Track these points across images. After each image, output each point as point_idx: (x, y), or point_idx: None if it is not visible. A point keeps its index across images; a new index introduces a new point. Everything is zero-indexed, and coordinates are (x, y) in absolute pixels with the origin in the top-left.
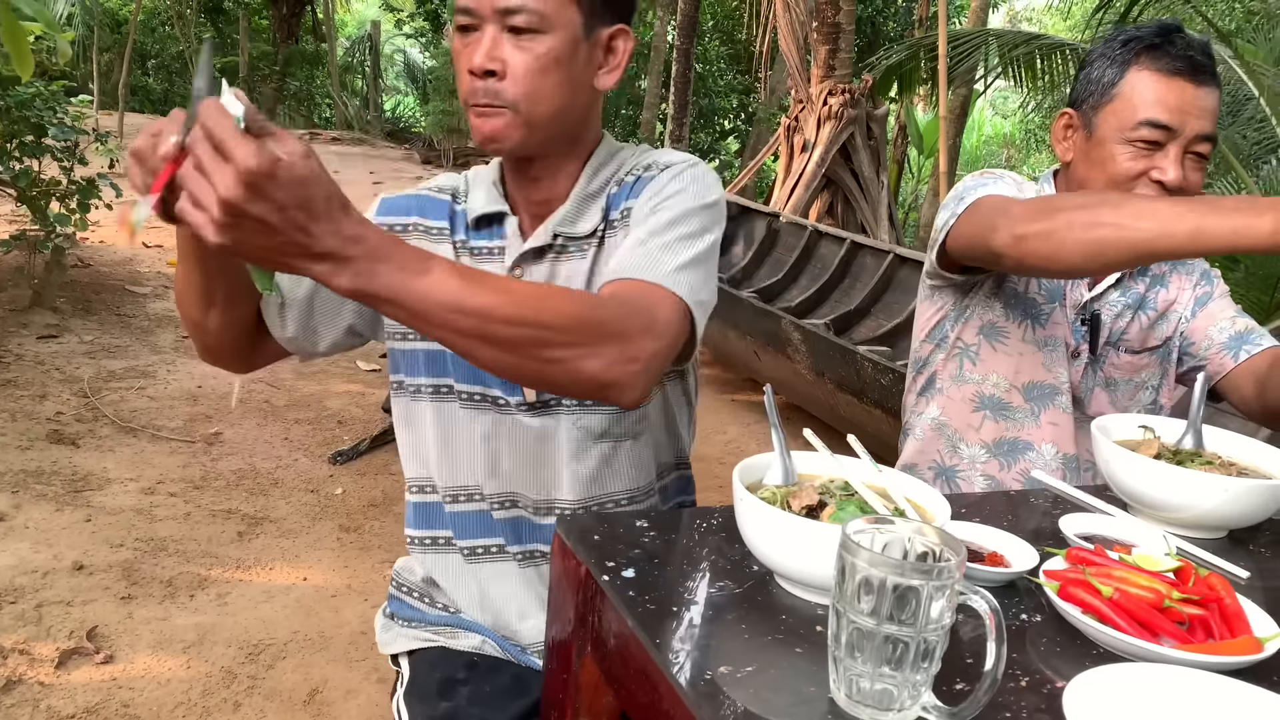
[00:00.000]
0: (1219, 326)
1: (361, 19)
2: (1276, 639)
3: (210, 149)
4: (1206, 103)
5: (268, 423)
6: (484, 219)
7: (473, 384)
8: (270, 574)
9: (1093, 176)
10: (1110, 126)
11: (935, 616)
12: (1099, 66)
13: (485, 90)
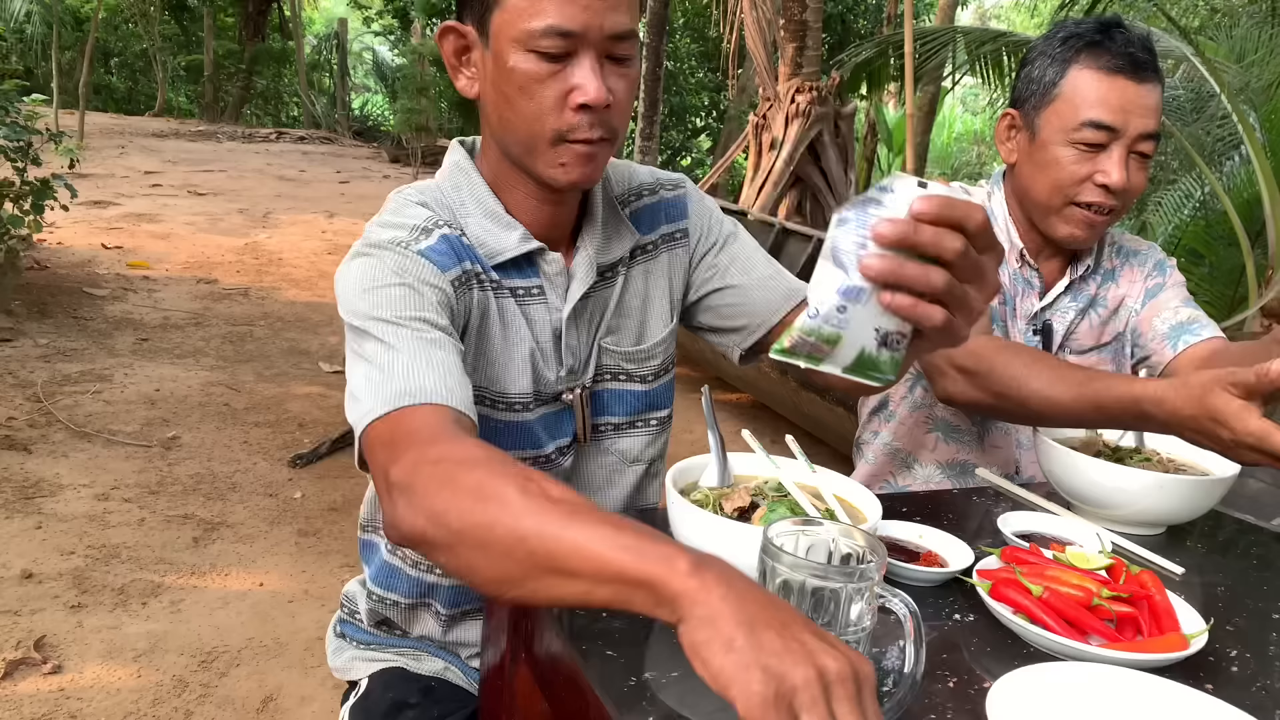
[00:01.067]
0: (1162, 317)
1: (329, 16)
2: (1202, 636)
3: None
4: (1149, 100)
5: (227, 426)
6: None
7: (522, 449)
8: (226, 580)
9: (1038, 179)
10: (1053, 128)
11: (854, 619)
12: (1039, 65)
13: (595, 123)
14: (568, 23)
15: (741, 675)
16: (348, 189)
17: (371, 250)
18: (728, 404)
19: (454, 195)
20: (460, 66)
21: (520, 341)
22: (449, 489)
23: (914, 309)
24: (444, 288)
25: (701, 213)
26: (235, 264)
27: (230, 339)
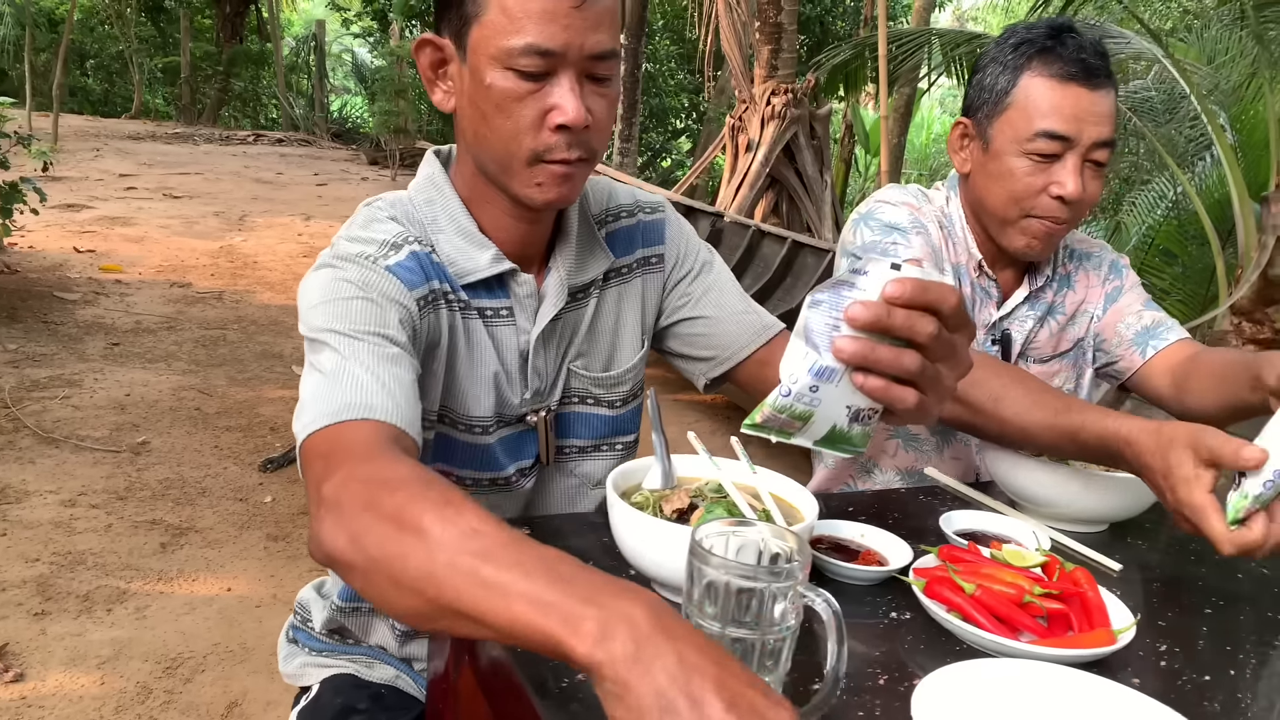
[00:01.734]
0: (1126, 322)
1: (308, 18)
2: (1130, 631)
3: None
4: (1102, 107)
5: (197, 431)
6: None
7: (481, 470)
8: (193, 585)
9: (992, 191)
10: (1006, 138)
11: (778, 618)
12: (991, 72)
13: (573, 144)
14: (548, 42)
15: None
16: (325, 191)
17: (336, 262)
18: (700, 405)
19: (426, 210)
20: (437, 80)
21: (485, 363)
22: (371, 512)
23: (886, 392)
24: (408, 305)
25: (678, 238)
26: (209, 267)
27: (203, 343)
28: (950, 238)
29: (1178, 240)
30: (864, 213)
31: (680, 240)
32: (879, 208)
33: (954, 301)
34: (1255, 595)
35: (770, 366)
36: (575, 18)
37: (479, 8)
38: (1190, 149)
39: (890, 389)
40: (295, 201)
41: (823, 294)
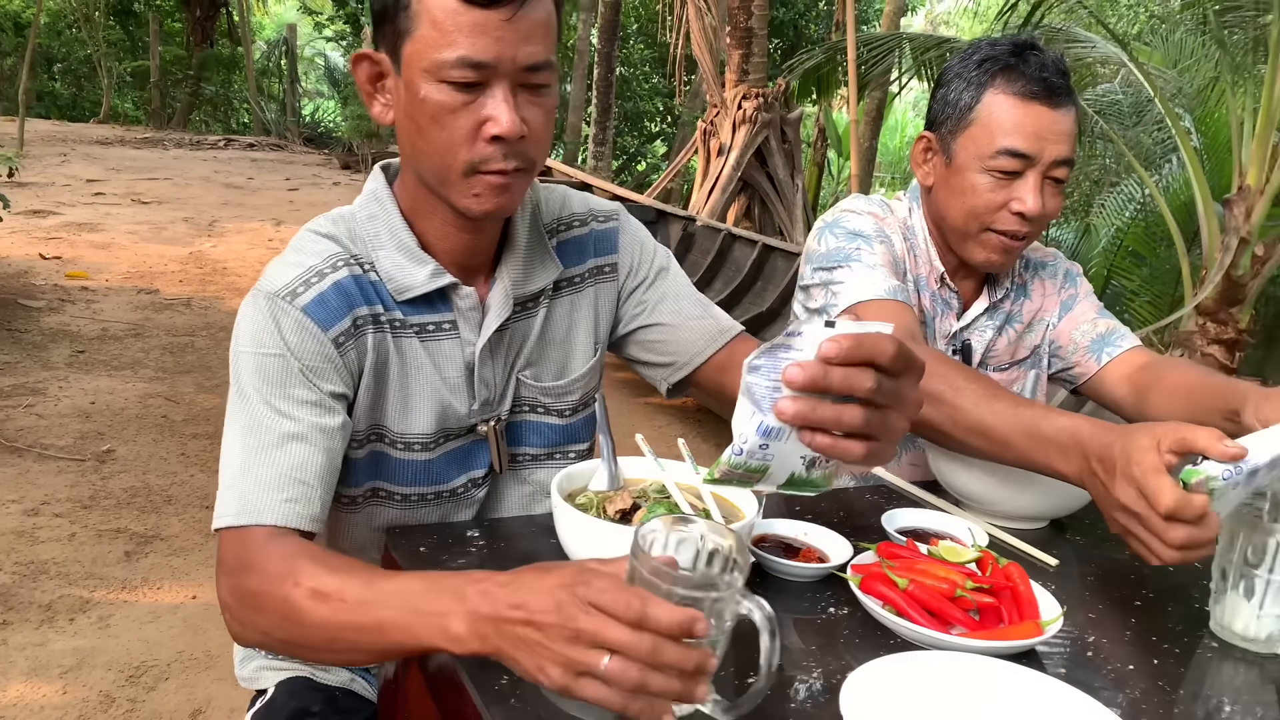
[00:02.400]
0: (1082, 330)
1: (280, 21)
2: (1057, 622)
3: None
4: (1063, 125)
5: (164, 438)
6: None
7: (424, 485)
8: (158, 593)
9: (953, 204)
10: (969, 154)
11: (713, 623)
12: (955, 88)
13: (509, 154)
14: (479, 54)
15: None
16: (297, 196)
17: (261, 302)
18: (672, 408)
19: (368, 226)
20: (375, 93)
21: (423, 381)
22: (263, 614)
23: (833, 447)
24: (322, 350)
25: (632, 246)
26: (178, 273)
27: (170, 350)
28: (913, 249)
29: (1145, 242)
30: (829, 221)
31: (634, 248)
32: (844, 216)
33: (891, 351)
34: (1185, 587)
35: (729, 370)
36: (506, 30)
37: (411, 22)
38: (1157, 152)
39: (837, 444)
40: (266, 207)
41: (760, 358)
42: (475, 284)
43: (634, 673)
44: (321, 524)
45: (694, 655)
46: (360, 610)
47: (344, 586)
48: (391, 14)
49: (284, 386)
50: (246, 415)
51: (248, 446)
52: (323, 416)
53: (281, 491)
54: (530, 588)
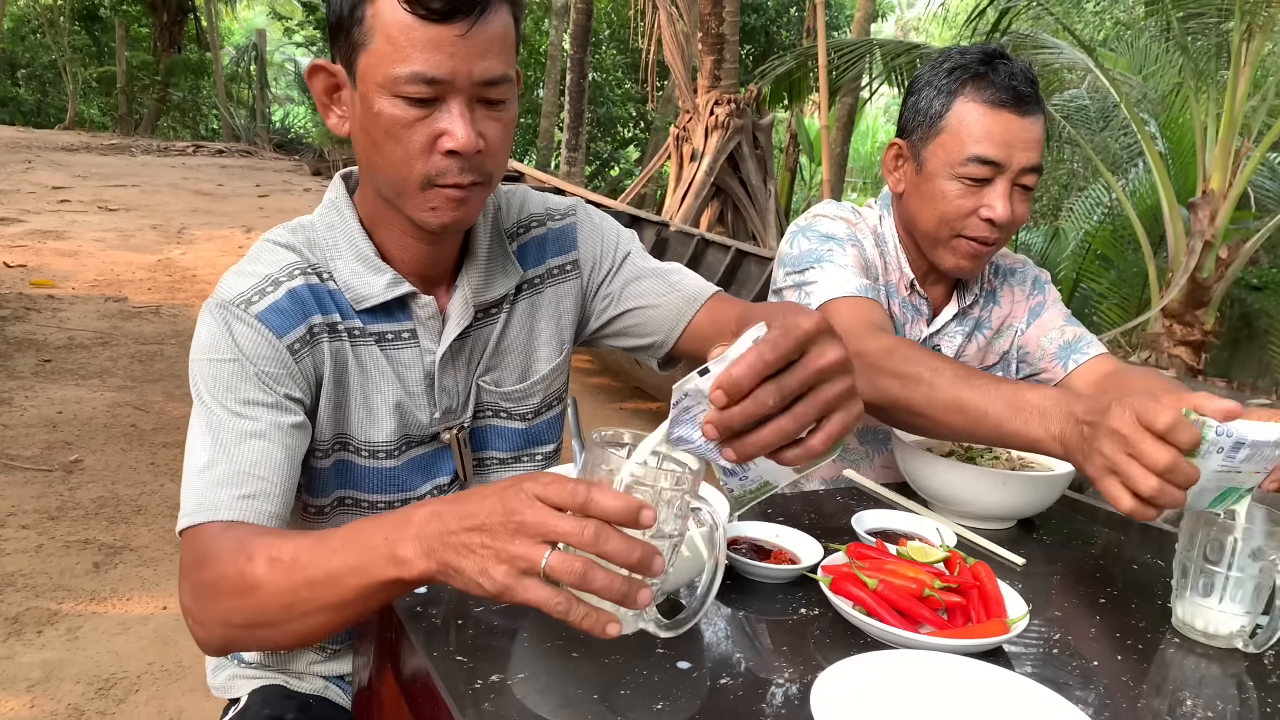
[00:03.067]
0: (1049, 336)
1: (249, 27)
2: (1023, 621)
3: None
4: (1031, 134)
5: (133, 448)
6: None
7: (391, 493)
8: (127, 605)
9: (924, 210)
10: (939, 161)
11: (662, 521)
12: (926, 95)
13: (465, 168)
14: (434, 70)
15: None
16: (267, 203)
17: (216, 311)
18: (647, 412)
19: (327, 235)
20: (331, 105)
21: (383, 389)
22: (221, 599)
23: (802, 458)
24: (277, 356)
25: (592, 240)
26: (146, 281)
27: (139, 358)
28: (883, 255)
29: (1113, 245)
30: (802, 225)
31: (594, 241)
32: (817, 220)
33: (771, 356)
34: (1148, 585)
35: (708, 334)
36: (461, 45)
37: (366, 36)
38: (1123, 156)
39: (783, 455)
40: (236, 213)
41: (679, 428)
42: (436, 293)
43: (577, 565)
44: (282, 521)
45: (638, 546)
46: (313, 565)
47: (296, 548)
48: (346, 27)
49: (239, 390)
50: (205, 419)
51: (205, 448)
52: (280, 415)
53: (239, 488)
54: (478, 495)
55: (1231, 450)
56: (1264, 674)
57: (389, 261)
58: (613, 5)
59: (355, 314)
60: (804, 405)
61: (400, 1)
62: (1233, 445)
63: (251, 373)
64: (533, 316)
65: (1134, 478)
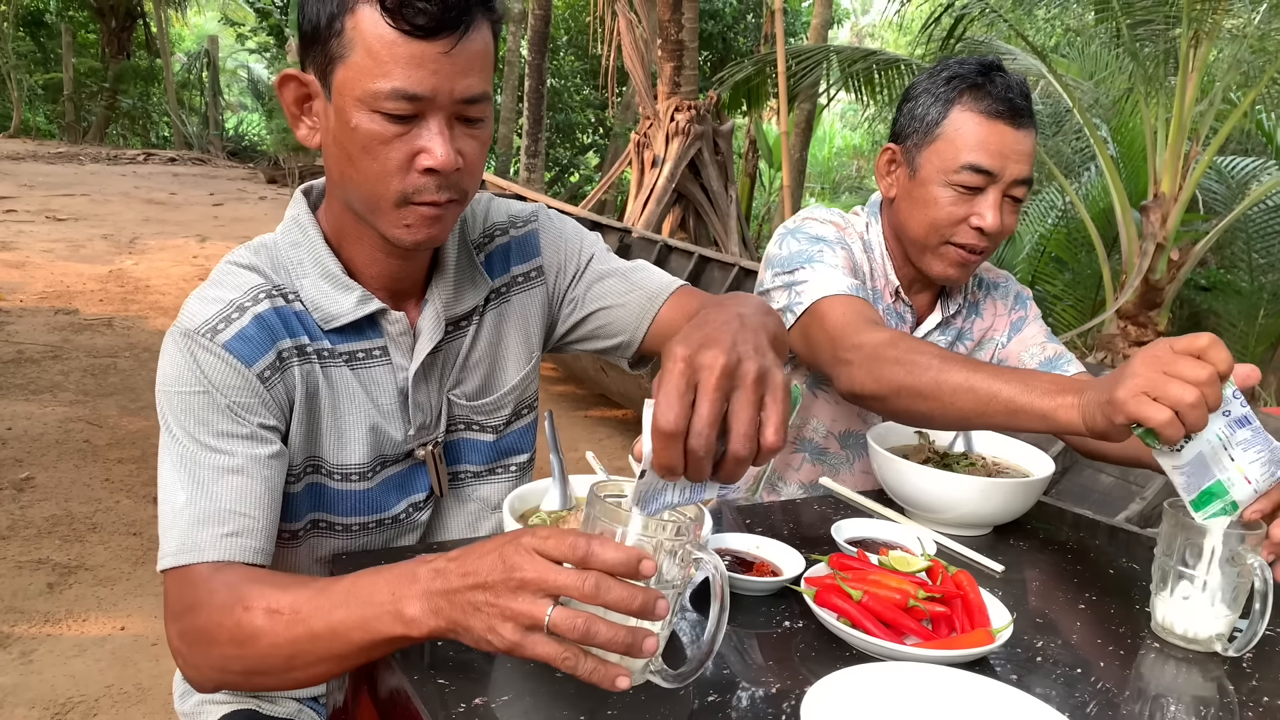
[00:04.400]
0: (1030, 352)
1: (200, 33)
2: (1007, 630)
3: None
4: (1024, 146)
5: (87, 464)
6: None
7: (366, 514)
8: (84, 626)
9: (915, 216)
10: (933, 167)
11: (665, 574)
12: (923, 103)
13: (442, 186)
14: (415, 87)
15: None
16: (222, 211)
17: (181, 340)
18: (612, 420)
19: (291, 254)
20: (301, 115)
21: (355, 410)
22: (216, 647)
23: (769, 452)
24: (247, 385)
25: (555, 246)
26: (98, 293)
27: (92, 372)
28: (870, 261)
29: (1067, 248)
30: (791, 227)
31: (558, 246)
32: (806, 222)
33: (674, 412)
34: (1125, 590)
35: (675, 326)
36: (444, 63)
37: (345, 49)
38: (1076, 160)
39: (759, 458)
40: (190, 222)
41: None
42: (405, 308)
43: (579, 622)
44: (268, 556)
45: (639, 594)
46: (315, 618)
47: (296, 599)
48: (323, 37)
49: (211, 423)
50: (178, 454)
51: (182, 485)
52: (256, 447)
53: (221, 526)
54: (477, 553)
55: (1236, 422)
56: (1244, 677)
57: (357, 278)
58: (570, 11)
59: (323, 334)
60: (737, 421)
61: (383, 16)
62: (1240, 418)
63: (223, 404)
64: (500, 326)
65: (1171, 391)
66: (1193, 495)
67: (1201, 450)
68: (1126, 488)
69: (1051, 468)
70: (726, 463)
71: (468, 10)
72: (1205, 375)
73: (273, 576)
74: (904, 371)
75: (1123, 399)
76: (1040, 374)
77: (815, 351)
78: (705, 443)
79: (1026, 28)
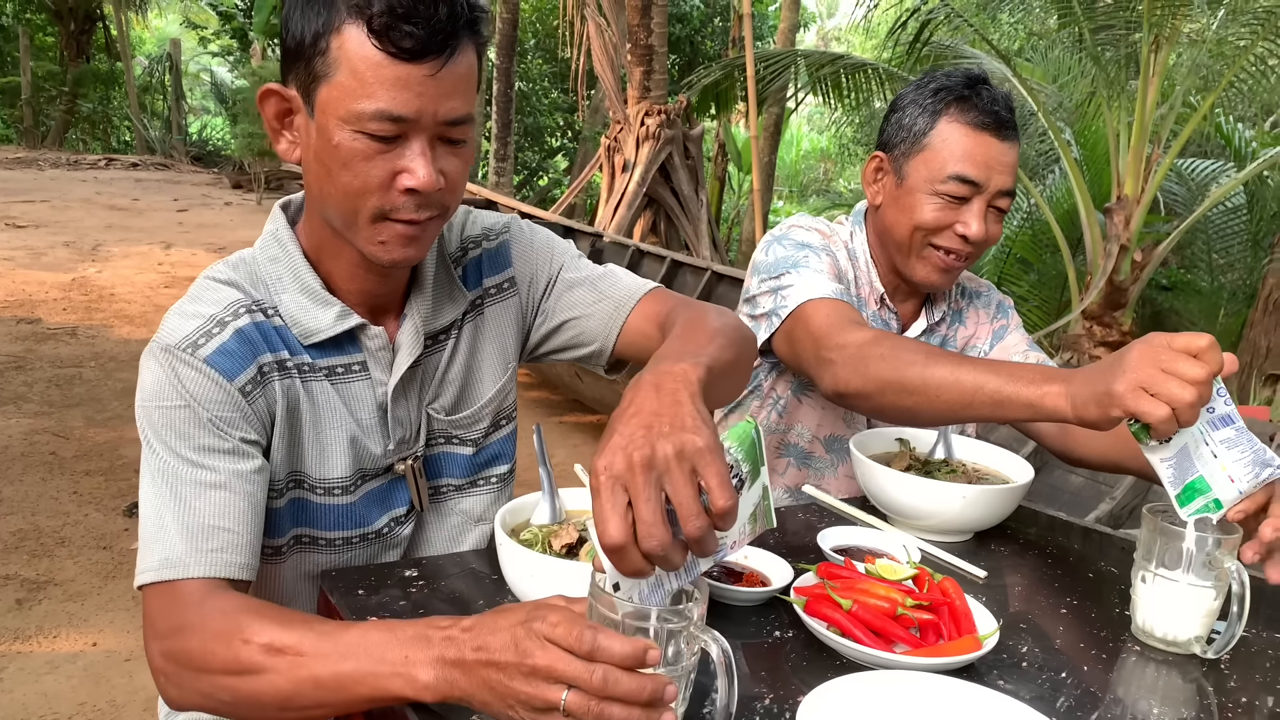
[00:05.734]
0: (1012, 359)
1: (161, 36)
2: (994, 636)
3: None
4: (1009, 158)
5: (53, 476)
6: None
7: (348, 529)
8: (54, 643)
9: (900, 223)
10: (920, 176)
11: (672, 657)
12: (910, 113)
13: (423, 204)
14: (400, 108)
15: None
16: (186, 218)
17: (161, 355)
18: (586, 426)
19: (269, 269)
20: (282, 129)
21: (336, 425)
22: (207, 675)
23: (707, 549)
24: (229, 400)
25: (527, 257)
26: (61, 301)
27: (56, 382)
28: (854, 269)
29: (1033, 249)
30: (777, 235)
31: (529, 257)
32: (792, 230)
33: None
34: (1105, 593)
35: (646, 331)
36: (429, 85)
37: (329, 67)
38: (1040, 163)
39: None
40: (154, 229)
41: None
42: (384, 323)
43: (593, 706)
44: (253, 571)
45: (648, 683)
46: (320, 663)
47: (300, 640)
48: (307, 55)
49: (193, 438)
50: (159, 470)
51: (164, 500)
52: (239, 462)
53: (206, 541)
54: (490, 628)
55: (1220, 420)
56: (1223, 679)
57: (335, 293)
58: (537, 15)
59: (303, 349)
60: (679, 505)
61: (370, 38)
62: (1223, 416)
63: (204, 418)
64: (477, 339)
65: (1171, 389)
66: (1178, 490)
67: (1185, 443)
68: (1096, 488)
69: (1031, 473)
70: (692, 545)
71: (454, 34)
72: (1203, 376)
73: (272, 610)
74: (889, 367)
75: (1121, 392)
76: (1025, 365)
77: (799, 353)
78: (659, 542)
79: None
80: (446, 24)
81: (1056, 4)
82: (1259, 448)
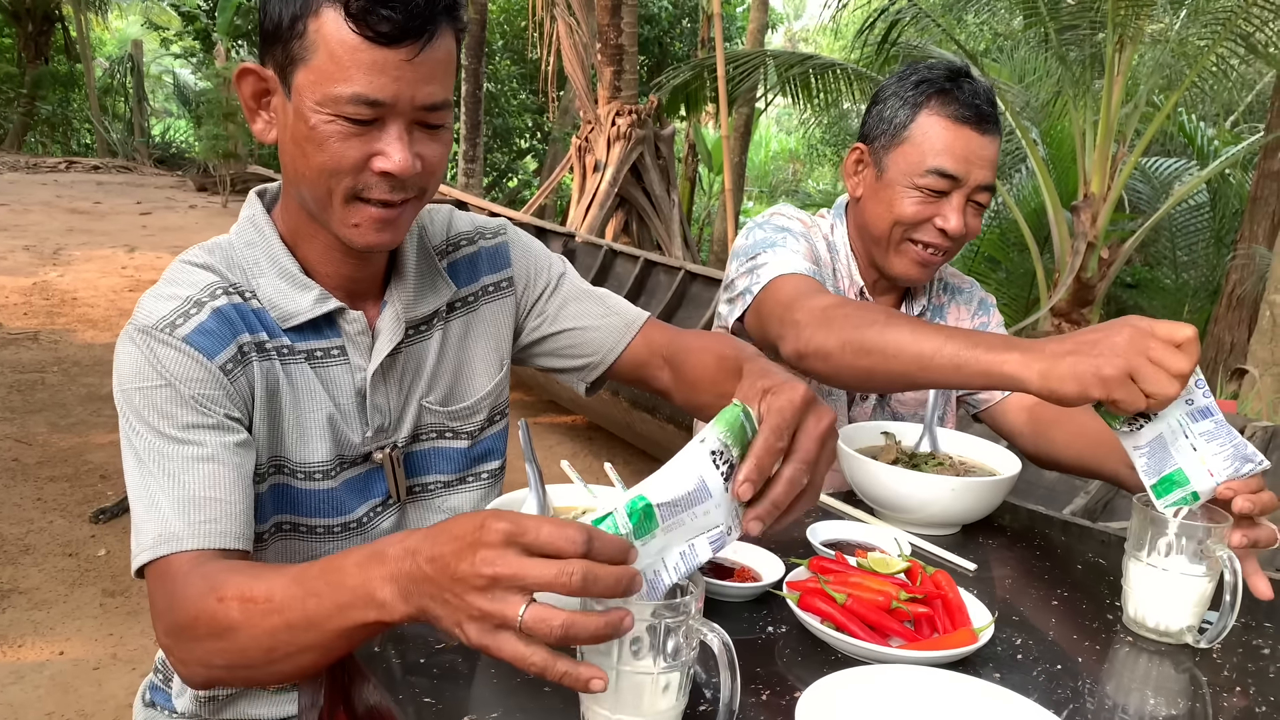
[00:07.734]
0: None
1: (123, 37)
2: (989, 629)
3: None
4: (988, 152)
5: (16, 483)
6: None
7: (330, 515)
8: (20, 652)
9: (880, 215)
10: (900, 169)
11: (671, 652)
12: (891, 105)
13: (398, 185)
14: (377, 93)
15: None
16: (150, 221)
17: (138, 337)
18: (561, 427)
19: (246, 253)
20: (259, 109)
21: (315, 408)
22: (197, 641)
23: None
24: (211, 377)
25: (526, 258)
26: (22, 306)
27: (18, 388)
28: (834, 262)
29: (1000, 247)
30: (758, 221)
31: (528, 260)
32: (774, 216)
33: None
34: (1093, 583)
35: (645, 358)
36: (406, 70)
37: (307, 50)
38: (1008, 162)
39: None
40: (117, 232)
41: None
42: (363, 308)
43: (555, 627)
44: (248, 541)
45: (624, 574)
46: (290, 608)
47: (270, 587)
48: (285, 37)
49: (176, 416)
50: (144, 450)
51: (152, 478)
52: (225, 435)
53: (198, 513)
54: (448, 534)
55: (1199, 412)
56: (1215, 668)
57: (313, 277)
58: (505, 16)
59: (282, 332)
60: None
61: (347, 21)
62: (1202, 409)
63: (186, 395)
64: (469, 334)
65: (1158, 382)
66: (1154, 480)
67: (1161, 432)
68: (1070, 482)
69: (1018, 465)
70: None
71: (432, 19)
72: (1188, 370)
73: (248, 565)
74: (850, 326)
75: (1110, 377)
76: (988, 334)
77: (766, 324)
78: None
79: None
80: (424, 8)
81: (1022, 4)
82: (1239, 441)
